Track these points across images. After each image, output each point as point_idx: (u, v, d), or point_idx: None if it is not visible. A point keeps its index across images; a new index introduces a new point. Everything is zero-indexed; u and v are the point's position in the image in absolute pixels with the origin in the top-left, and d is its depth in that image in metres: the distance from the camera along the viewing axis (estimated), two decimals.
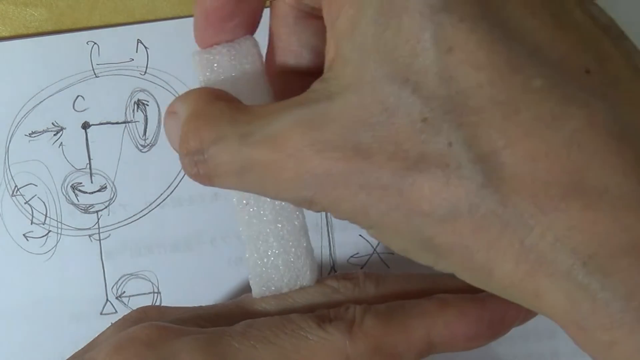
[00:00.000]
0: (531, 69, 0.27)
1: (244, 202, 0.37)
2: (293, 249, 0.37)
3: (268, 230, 0.37)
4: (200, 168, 0.32)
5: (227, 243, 0.46)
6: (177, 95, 0.45)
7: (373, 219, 0.30)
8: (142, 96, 0.45)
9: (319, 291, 0.38)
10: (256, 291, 0.38)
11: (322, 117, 0.29)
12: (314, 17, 0.35)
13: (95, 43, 0.45)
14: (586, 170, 0.26)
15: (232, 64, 0.36)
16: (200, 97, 0.33)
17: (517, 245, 0.27)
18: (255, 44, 0.36)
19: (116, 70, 0.45)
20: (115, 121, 0.45)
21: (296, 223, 0.37)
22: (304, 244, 0.37)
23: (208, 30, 0.36)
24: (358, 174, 0.29)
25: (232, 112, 0.32)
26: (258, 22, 0.36)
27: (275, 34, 0.37)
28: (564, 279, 0.27)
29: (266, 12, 0.37)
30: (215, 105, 0.33)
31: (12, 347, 0.45)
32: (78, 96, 0.45)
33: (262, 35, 0.37)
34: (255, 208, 0.36)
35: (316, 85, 0.30)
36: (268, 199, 0.36)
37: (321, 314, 0.36)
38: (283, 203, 0.36)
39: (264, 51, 0.37)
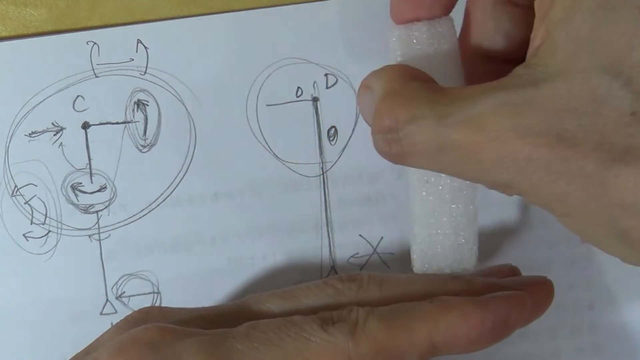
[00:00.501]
0: None
1: (425, 178, 0.36)
2: (463, 232, 0.37)
3: (444, 209, 0.37)
4: (394, 146, 0.32)
5: (227, 243, 0.46)
6: (178, 97, 0.45)
7: (570, 207, 0.30)
8: (142, 96, 0.45)
9: (323, 292, 0.38)
10: (418, 267, 0.38)
11: (527, 102, 0.29)
12: (513, 3, 0.35)
13: (95, 43, 0.45)
14: None
15: (430, 42, 0.36)
16: (397, 75, 0.34)
17: None
18: (453, 25, 0.36)
19: (116, 70, 0.45)
20: (115, 121, 0.45)
21: (471, 207, 0.37)
22: (475, 229, 0.37)
23: (406, 4, 0.36)
24: (560, 161, 0.28)
25: (429, 92, 0.32)
26: (455, 2, 0.37)
27: (471, 17, 0.37)
28: None
29: None
30: (412, 84, 0.33)
31: (12, 347, 0.45)
32: (78, 96, 0.45)
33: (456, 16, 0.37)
34: (434, 186, 0.36)
35: (520, 70, 0.30)
36: (448, 179, 0.36)
37: (324, 316, 0.36)
38: (462, 185, 0.36)
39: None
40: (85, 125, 0.45)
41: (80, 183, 0.45)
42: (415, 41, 0.36)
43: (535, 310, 0.38)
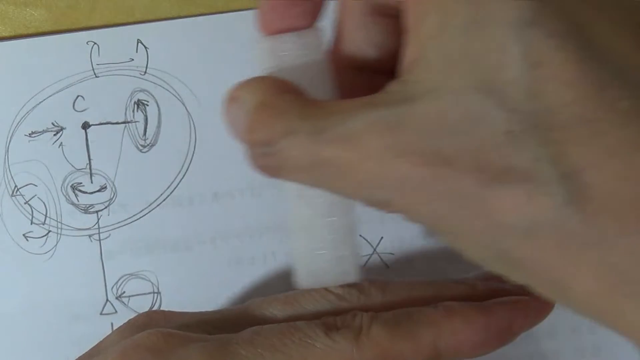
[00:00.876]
0: (618, 89, 0.27)
1: (300, 192, 0.36)
2: (342, 245, 0.36)
3: (320, 223, 0.36)
4: (269, 160, 0.32)
5: (227, 243, 0.46)
6: (178, 96, 0.45)
7: (450, 227, 0.29)
8: (142, 96, 0.45)
9: (325, 298, 0.38)
10: (300, 283, 0.38)
11: (402, 120, 0.29)
12: (384, 14, 0.35)
13: (95, 43, 0.45)
14: None
15: (298, 54, 0.35)
16: (269, 86, 0.33)
17: (599, 264, 0.27)
18: (321, 36, 0.36)
19: (116, 70, 0.45)
20: (115, 121, 0.45)
21: (348, 219, 0.36)
22: (354, 241, 0.37)
23: (273, 15, 0.35)
24: (439, 181, 0.28)
25: (303, 105, 0.31)
26: (321, 11, 0.36)
27: (341, 28, 0.36)
28: None
29: (333, 5, 0.36)
30: (285, 97, 0.32)
31: (12, 347, 0.45)
32: (78, 96, 0.45)
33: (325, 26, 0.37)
34: (310, 199, 0.36)
35: (394, 86, 0.30)
36: (324, 192, 0.36)
37: (328, 321, 0.36)
38: (338, 198, 0.36)
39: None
40: (85, 125, 0.45)
41: (80, 183, 0.45)
42: (282, 54, 0.35)
43: (539, 313, 0.38)
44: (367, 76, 0.36)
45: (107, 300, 0.45)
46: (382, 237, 0.46)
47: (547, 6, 0.27)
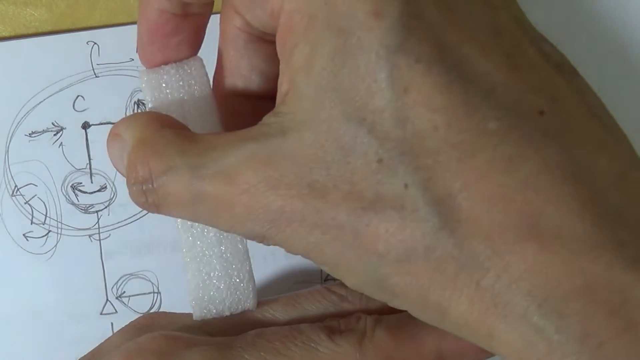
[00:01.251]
0: (486, 111, 0.27)
1: (188, 224, 0.36)
2: (236, 272, 0.37)
3: (212, 252, 0.36)
4: (149, 197, 0.32)
5: None
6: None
7: (327, 257, 0.30)
8: (142, 96, 0.45)
9: (327, 299, 0.38)
10: (197, 313, 0.37)
11: (276, 153, 0.29)
12: (265, 41, 0.35)
13: (95, 43, 0.45)
14: (541, 213, 0.27)
15: (180, 84, 0.36)
16: (147, 123, 0.33)
17: (473, 287, 0.27)
18: (203, 65, 0.36)
19: (116, 70, 0.45)
20: (115, 121, 0.45)
21: (240, 246, 0.36)
22: (247, 268, 0.37)
23: (152, 47, 0.36)
24: (312, 212, 0.28)
25: (181, 141, 0.32)
26: (202, 40, 0.36)
27: (224, 56, 0.36)
28: (520, 320, 0.27)
29: (215, 33, 0.36)
30: (163, 133, 0.32)
31: (12, 347, 0.45)
32: (78, 96, 0.45)
33: (207, 55, 0.37)
34: (199, 230, 0.36)
35: (269, 118, 0.30)
36: None
37: (331, 324, 0.36)
38: None
39: (210, 72, 0.37)
40: (86, 125, 0.45)
41: (81, 183, 0.45)
42: (164, 85, 0.35)
43: None
44: (252, 103, 0.36)
45: (107, 300, 0.45)
46: None
47: (413, 32, 0.27)
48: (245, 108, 0.36)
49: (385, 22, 0.27)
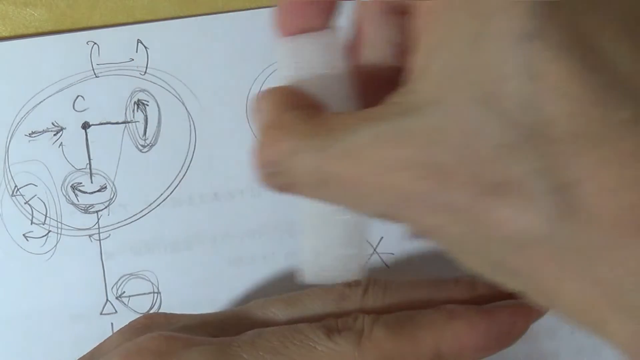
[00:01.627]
0: (618, 100, 0.27)
1: None
2: (353, 242, 0.37)
3: (330, 221, 0.36)
4: (277, 179, 0.32)
5: (227, 243, 0.46)
6: (178, 96, 0.45)
7: (449, 238, 0.30)
8: (142, 96, 0.45)
9: (327, 298, 0.38)
10: (308, 278, 0.37)
11: (404, 133, 0.29)
12: (402, 13, 0.35)
13: (95, 43, 0.45)
14: None
15: (316, 55, 0.35)
16: (278, 102, 0.33)
17: (589, 275, 0.27)
18: (340, 36, 0.36)
19: (116, 70, 0.45)
20: (115, 121, 0.45)
21: (360, 217, 0.37)
22: (364, 239, 0.37)
23: (289, 16, 0.35)
24: (438, 193, 0.28)
25: (308, 123, 0.32)
26: (337, 10, 0.36)
27: (360, 27, 0.36)
28: (635, 311, 0.27)
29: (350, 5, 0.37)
30: (292, 114, 0.32)
31: (12, 347, 0.45)
32: (78, 96, 0.45)
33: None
34: None
35: (396, 97, 0.30)
36: None
37: (329, 324, 0.36)
38: None
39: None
40: (85, 125, 0.45)
41: (80, 183, 0.45)
42: (302, 54, 0.35)
43: (538, 314, 0.38)
44: (388, 73, 0.36)
45: (107, 300, 0.45)
46: (382, 237, 0.46)
47: (550, 18, 0.27)
48: (378, 79, 0.36)
49: (523, 7, 0.27)
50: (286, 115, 0.32)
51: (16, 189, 0.45)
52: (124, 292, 0.45)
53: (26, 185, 0.45)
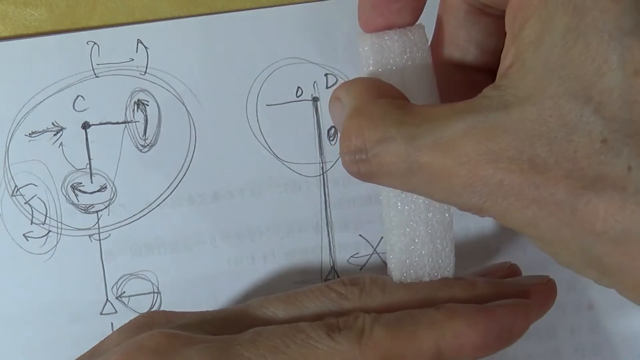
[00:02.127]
0: None
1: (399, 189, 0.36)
2: (439, 240, 0.37)
3: (419, 218, 0.36)
4: (362, 167, 0.32)
5: (227, 243, 0.46)
6: (178, 96, 0.45)
7: (542, 233, 0.30)
8: (142, 96, 0.45)
9: (326, 297, 0.38)
10: (397, 276, 0.38)
11: (498, 126, 0.29)
12: (485, 13, 0.35)
13: (95, 43, 0.45)
14: None
15: (402, 51, 0.35)
16: (365, 90, 0.33)
17: None
18: (425, 33, 0.36)
19: (116, 70, 0.45)
20: (115, 121, 0.45)
21: (446, 215, 0.37)
22: (451, 236, 0.37)
23: (374, 11, 0.35)
24: (532, 187, 0.28)
25: (398, 111, 0.32)
26: (423, 7, 0.36)
27: (443, 26, 0.37)
28: None
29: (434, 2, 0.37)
30: (380, 102, 0.32)
31: (12, 347, 0.45)
32: (78, 96, 0.45)
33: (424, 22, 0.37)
34: (409, 196, 0.36)
35: (490, 91, 0.30)
36: None
37: (330, 322, 0.36)
38: None
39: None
40: (86, 125, 0.45)
41: (81, 183, 0.45)
42: (387, 50, 0.35)
43: (538, 312, 0.38)
44: (468, 73, 0.36)
45: (107, 300, 0.45)
46: (382, 237, 0.46)
47: None
48: (459, 78, 0.36)
49: (622, 4, 0.27)
50: (374, 104, 0.32)
51: (16, 188, 0.45)
52: (124, 292, 0.45)
53: (26, 185, 0.45)
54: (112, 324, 0.45)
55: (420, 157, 0.30)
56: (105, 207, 0.45)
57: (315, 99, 0.46)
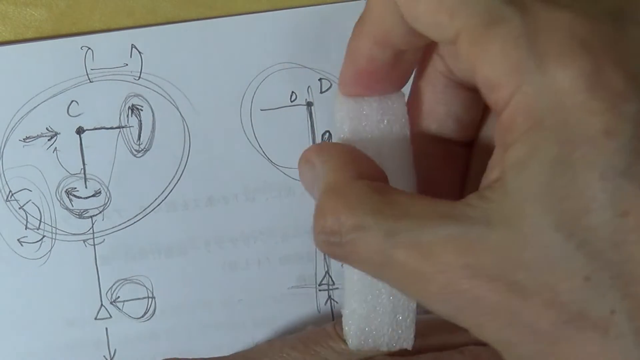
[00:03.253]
0: None
1: None
2: (401, 310, 0.36)
3: (383, 287, 0.35)
4: (336, 250, 0.31)
5: (222, 248, 0.46)
6: (172, 101, 0.45)
7: (516, 355, 0.29)
8: (136, 101, 0.45)
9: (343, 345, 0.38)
10: (354, 343, 0.37)
11: (479, 242, 0.28)
12: (465, 88, 0.34)
13: (89, 48, 0.45)
14: None
15: (379, 119, 0.35)
16: (343, 165, 0.32)
17: None
18: (405, 102, 0.35)
19: (110, 75, 0.45)
20: (109, 126, 0.45)
21: None
22: (413, 307, 0.36)
23: (356, 87, 0.35)
24: (508, 311, 0.28)
25: (377, 198, 0.30)
26: (407, 81, 0.35)
27: (420, 98, 0.35)
28: None
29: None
30: (358, 185, 0.31)
31: (6, 352, 0.45)
32: (72, 101, 0.45)
33: None
34: None
35: (474, 200, 0.29)
36: None
37: None
38: None
39: None
40: (80, 130, 0.45)
41: (75, 188, 0.45)
42: (364, 117, 0.34)
43: None
44: (442, 144, 0.35)
45: (102, 305, 0.45)
46: None
47: None
48: (435, 149, 0.35)
49: (616, 142, 0.26)
50: (351, 184, 0.31)
51: (10, 194, 0.45)
52: (119, 297, 0.46)
53: (20, 190, 0.45)
54: (106, 329, 0.45)
55: (396, 254, 0.29)
56: (100, 212, 0.46)
57: (309, 104, 0.46)
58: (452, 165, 0.30)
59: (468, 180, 0.35)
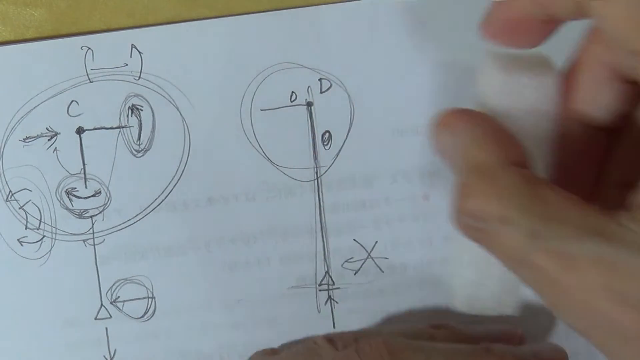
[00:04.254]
0: None
1: None
2: (510, 280, 0.35)
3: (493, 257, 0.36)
4: (477, 235, 0.31)
5: (222, 248, 0.46)
6: (172, 101, 0.45)
7: None
8: (136, 101, 0.45)
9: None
10: (462, 307, 0.37)
11: (628, 267, 0.27)
12: (626, 82, 0.33)
13: (89, 48, 0.45)
14: None
15: (532, 97, 0.34)
16: (491, 143, 0.31)
17: None
18: (557, 81, 0.34)
19: (110, 75, 0.45)
20: (109, 126, 0.45)
21: None
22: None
23: (503, 36, 0.34)
24: None
25: (525, 192, 0.29)
26: (551, 32, 0.34)
27: (578, 83, 0.34)
28: None
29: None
30: (508, 173, 0.30)
31: (5, 352, 0.45)
32: (72, 101, 0.45)
33: None
34: None
35: (626, 220, 0.28)
36: None
37: None
38: None
39: None
40: (80, 130, 0.45)
41: (75, 188, 0.45)
42: (516, 92, 0.34)
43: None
44: (586, 130, 0.34)
45: (102, 305, 0.45)
46: (376, 242, 0.46)
47: None
48: (578, 133, 0.34)
49: None
50: (500, 169, 0.30)
51: (10, 194, 0.45)
52: (119, 297, 0.46)
53: (20, 190, 0.45)
54: (106, 329, 0.45)
55: (537, 258, 0.28)
56: (100, 212, 0.46)
57: (309, 104, 0.46)
58: (592, 151, 0.29)
59: (608, 168, 0.34)
